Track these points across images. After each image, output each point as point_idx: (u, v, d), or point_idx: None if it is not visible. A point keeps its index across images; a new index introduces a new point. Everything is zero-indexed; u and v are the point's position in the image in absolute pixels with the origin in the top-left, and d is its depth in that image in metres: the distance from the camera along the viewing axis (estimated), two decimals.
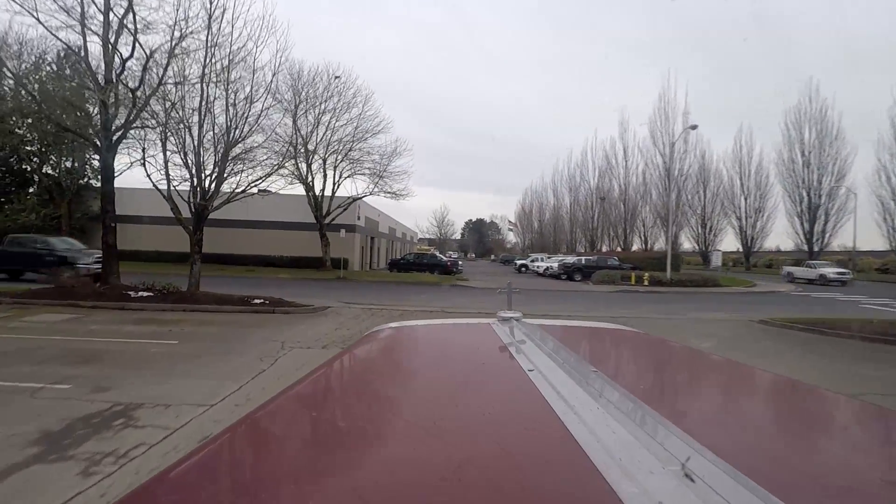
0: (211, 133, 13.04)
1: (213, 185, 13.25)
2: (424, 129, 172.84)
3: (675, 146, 27.55)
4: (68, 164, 30.71)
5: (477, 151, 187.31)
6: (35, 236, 20.33)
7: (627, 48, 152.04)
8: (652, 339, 2.00)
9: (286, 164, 29.89)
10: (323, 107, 30.49)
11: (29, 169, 31.54)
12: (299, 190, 31.12)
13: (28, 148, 30.83)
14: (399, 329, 1.98)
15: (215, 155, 13.01)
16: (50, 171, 31.21)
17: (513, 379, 1.17)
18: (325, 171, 30.99)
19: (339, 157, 30.60)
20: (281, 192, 35.10)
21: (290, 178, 29.46)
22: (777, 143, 53.28)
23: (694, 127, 26.06)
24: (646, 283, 28.02)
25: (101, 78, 12.54)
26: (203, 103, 12.87)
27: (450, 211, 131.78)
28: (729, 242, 68.53)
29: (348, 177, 30.99)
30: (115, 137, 12.60)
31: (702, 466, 0.64)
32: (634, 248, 54.55)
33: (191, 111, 13.11)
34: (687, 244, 59.21)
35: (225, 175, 13.36)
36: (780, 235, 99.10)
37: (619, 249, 55.98)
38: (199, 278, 13.12)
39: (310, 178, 30.25)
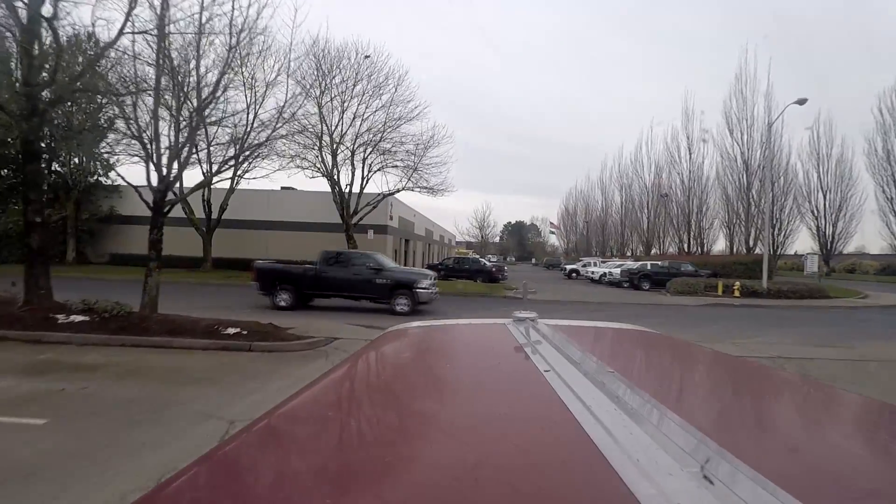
0: (174, 91, 9.20)
1: (181, 161, 9.38)
2: (461, 127, 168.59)
3: (771, 127, 22.43)
4: (77, 160, 27.93)
5: (517, 152, 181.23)
6: (356, 252, 16.10)
7: (685, 42, 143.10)
8: (669, 340, 1.98)
9: (308, 156, 26.41)
10: (351, 92, 26.74)
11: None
12: (324, 186, 27.46)
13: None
14: (415, 329, 1.95)
15: (178, 123, 9.19)
16: (59, 168, 28.49)
17: (529, 379, 1.15)
18: (353, 164, 27.18)
19: (369, 148, 26.73)
20: (304, 188, 31.71)
21: (311, 171, 25.83)
22: (867, 131, 46.20)
23: (802, 101, 20.90)
24: (736, 293, 22.94)
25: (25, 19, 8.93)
26: (162, 53, 9.09)
27: (491, 211, 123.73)
28: (800, 244, 60.73)
29: (378, 170, 27.07)
30: (43, 100, 8.97)
31: (721, 468, 0.62)
32: (689, 250, 48.54)
33: (147, 67, 9.38)
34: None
35: (196, 150, 9.54)
36: (872, 237, 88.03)
37: (670, 251, 50.45)
38: (158, 295, 9.31)
39: (335, 173, 26.51)
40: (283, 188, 31.69)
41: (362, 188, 27.02)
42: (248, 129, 12.89)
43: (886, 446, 0.95)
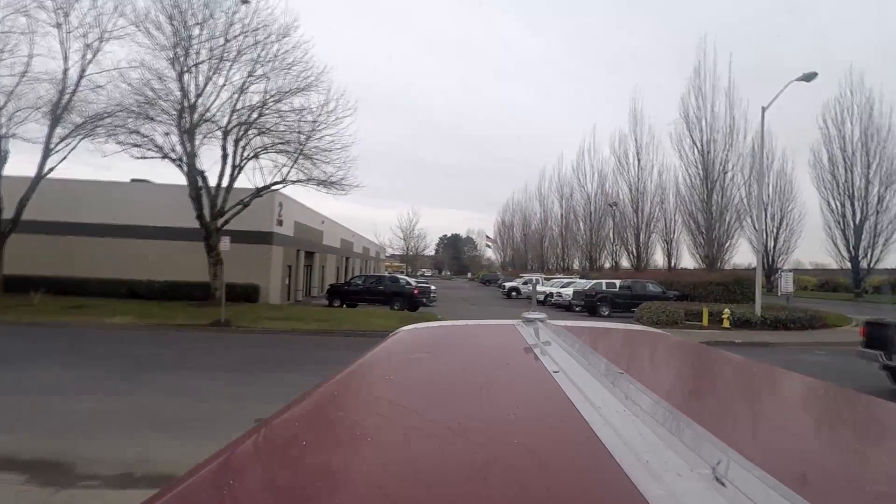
0: None
1: None
2: (391, 134, 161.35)
3: (764, 112, 17.68)
4: None
5: (454, 164, 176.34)
6: None
7: (629, 47, 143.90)
8: (679, 342, 1.98)
9: (141, 128, 18.76)
10: (221, 50, 19.50)
11: None
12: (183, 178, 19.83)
13: None
14: (424, 329, 1.96)
15: None
16: None
17: (537, 380, 1.15)
18: (224, 149, 19.78)
19: (245, 127, 19.49)
20: (168, 182, 23.76)
21: (142, 150, 18.23)
22: (811, 142, 44.79)
23: (810, 77, 16.11)
24: (726, 323, 17.76)
25: None
26: None
27: (420, 219, 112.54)
28: (740, 258, 58.59)
29: (253, 157, 19.74)
30: None
31: (733, 470, 0.61)
32: (639, 265, 44.39)
33: None
34: (688, 259, 48.32)
35: None
36: (817, 251, 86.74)
37: (606, 267, 46.41)
38: None
39: (193, 157, 19.03)
40: (133, 180, 23.68)
41: (233, 179, 19.68)
42: None
43: None
